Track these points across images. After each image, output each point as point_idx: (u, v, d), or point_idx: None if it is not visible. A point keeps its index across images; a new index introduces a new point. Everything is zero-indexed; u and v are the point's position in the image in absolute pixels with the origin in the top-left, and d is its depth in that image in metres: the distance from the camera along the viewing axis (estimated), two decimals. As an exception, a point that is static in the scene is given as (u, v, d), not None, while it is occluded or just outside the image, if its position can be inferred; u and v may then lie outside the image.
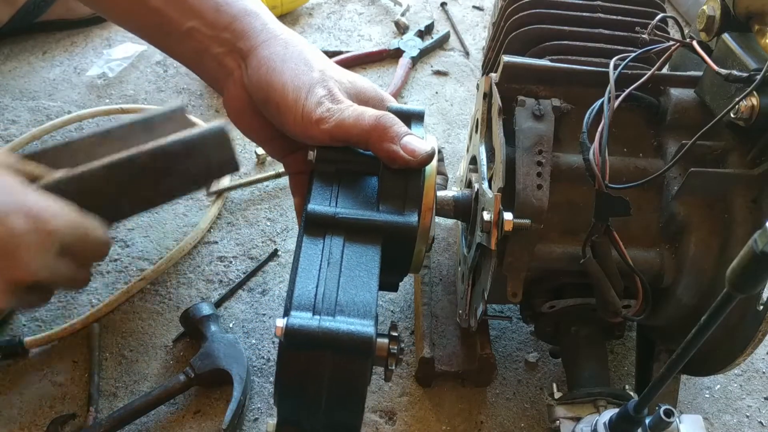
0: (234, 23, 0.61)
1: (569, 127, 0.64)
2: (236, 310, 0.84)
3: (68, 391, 0.76)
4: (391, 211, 0.56)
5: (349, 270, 0.52)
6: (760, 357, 0.83)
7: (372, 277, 0.52)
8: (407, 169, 0.57)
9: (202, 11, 0.61)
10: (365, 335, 0.48)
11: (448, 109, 1.11)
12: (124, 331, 0.82)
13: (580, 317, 0.69)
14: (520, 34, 0.70)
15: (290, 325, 0.48)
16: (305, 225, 0.55)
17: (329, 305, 0.50)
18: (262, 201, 0.96)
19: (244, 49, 0.61)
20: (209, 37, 0.61)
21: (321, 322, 0.48)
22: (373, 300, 0.51)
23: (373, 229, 0.55)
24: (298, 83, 0.58)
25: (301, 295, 0.50)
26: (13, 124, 1.04)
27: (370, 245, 0.54)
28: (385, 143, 0.56)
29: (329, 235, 0.54)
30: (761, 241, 0.35)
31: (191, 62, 0.66)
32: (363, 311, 0.50)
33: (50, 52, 1.16)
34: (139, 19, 0.64)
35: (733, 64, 0.60)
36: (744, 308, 0.61)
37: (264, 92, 0.60)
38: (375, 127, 0.56)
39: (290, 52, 0.60)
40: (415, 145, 0.57)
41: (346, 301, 0.50)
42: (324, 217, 0.55)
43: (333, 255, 0.53)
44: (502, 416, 0.76)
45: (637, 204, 0.60)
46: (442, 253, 0.86)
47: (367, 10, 1.29)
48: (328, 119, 0.57)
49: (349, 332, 0.48)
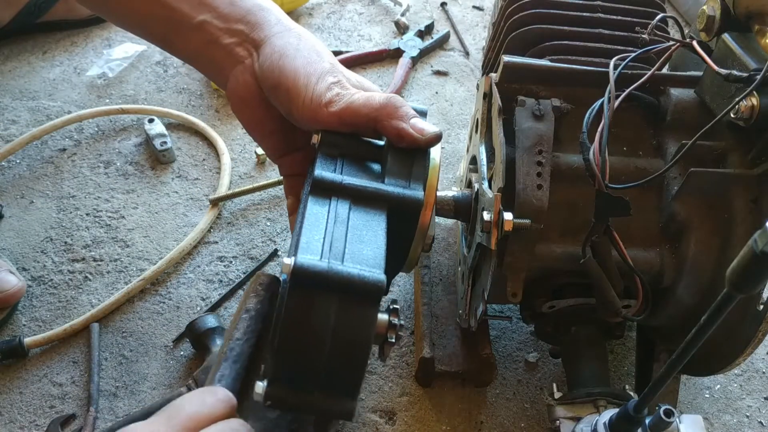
0: (248, 16, 0.62)
1: (569, 127, 0.64)
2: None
3: (68, 391, 0.76)
4: (397, 185, 0.56)
5: (355, 229, 0.51)
6: (760, 357, 0.83)
7: (379, 236, 0.51)
8: (413, 151, 0.58)
9: (215, 5, 0.62)
10: (376, 279, 0.46)
11: (448, 109, 1.11)
12: (124, 331, 0.82)
13: (580, 317, 0.69)
14: (520, 34, 0.70)
15: (299, 264, 0.45)
16: (311, 189, 0.53)
17: (337, 253, 0.48)
18: (262, 201, 0.96)
19: (258, 39, 0.62)
20: (221, 29, 0.62)
21: (330, 263, 0.46)
22: (382, 255, 0.49)
23: (379, 198, 0.54)
24: (309, 70, 0.60)
25: (309, 242, 0.48)
26: (13, 124, 1.04)
27: (376, 210, 0.53)
28: (394, 120, 0.57)
29: (335, 198, 0.53)
30: (761, 241, 0.35)
31: (196, 55, 0.66)
32: (371, 262, 0.48)
33: (50, 52, 1.16)
34: (146, 14, 0.65)
35: (733, 64, 0.60)
36: (744, 308, 0.61)
37: (276, 77, 0.60)
38: (385, 106, 0.58)
39: (303, 44, 0.62)
40: (423, 125, 0.58)
41: (355, 252, 0.48)
42: (331, 183, 0.54)
43: (339, 214, 0.52)
44: (502, 416, 0.76)
45: (637, 204, 0.60)
46: (442, 253, 0.86)
47: (367, 10, 1.29)
48: (338, 102, 0.58)
49: (360, 276, 0.46)
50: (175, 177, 0.99)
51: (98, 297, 0.84)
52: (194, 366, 0.79)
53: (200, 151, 1.02)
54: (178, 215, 0.94)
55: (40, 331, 0.81)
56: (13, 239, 0.90)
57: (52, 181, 0.97)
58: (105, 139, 1.03)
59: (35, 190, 0.96)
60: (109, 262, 0.88)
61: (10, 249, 0.89)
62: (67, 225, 0.92)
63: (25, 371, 0.78)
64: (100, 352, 0.79)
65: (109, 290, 0.85)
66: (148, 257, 0.89)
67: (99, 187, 0.96)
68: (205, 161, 1.01)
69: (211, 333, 0.77)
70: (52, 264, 0.88)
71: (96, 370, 0.77)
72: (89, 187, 0.96)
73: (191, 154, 1.02)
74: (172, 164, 1.00)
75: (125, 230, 0.92)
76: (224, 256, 0.90)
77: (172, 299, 0.85)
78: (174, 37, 0.65)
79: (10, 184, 0.97)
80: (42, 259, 0.88)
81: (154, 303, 0.85)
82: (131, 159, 1.00)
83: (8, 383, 0.77)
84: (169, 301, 0.85)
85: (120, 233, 0.91)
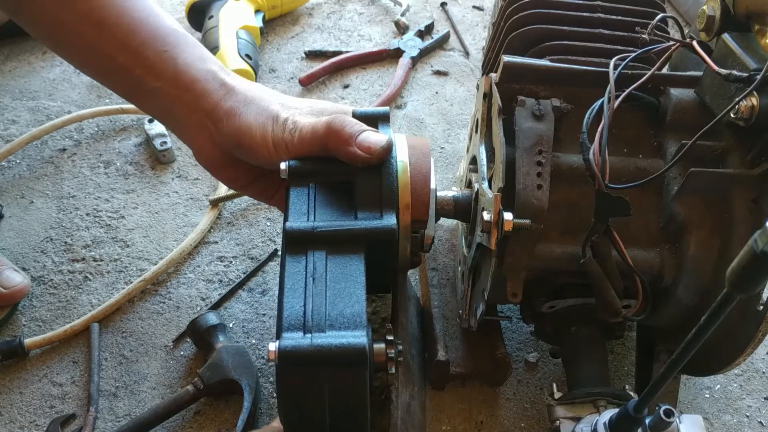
0: (193, 84, 0.64)
1: (569, 127, 0.64)
2: (236, 310, 0.84)
3: (68, 391, 0.76)
4: (369, 217, 0.56)
5: (334, 283, 0.52)
6: (760, 357, 0.83)
7: (358, 287, 0.52)
8: (376, 168, 0.58)
9: (163, 72, 0.64)
10: (358, 346, 0.48)
11: (448, 109, 1.11)
12: (124, 331, 0.82)
13: (580, 317, 0.68)
14: (520, 34, 0.70)
15: (283, 347, 0.48)
16: (285, 243, 0.55)
17: (319, 321, 0.50)
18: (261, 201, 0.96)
19: (207, 107, 0.63)
20: (173, 96, 0.64)
21: (313, 339, 0.48)
22: (362, 310, 0.50)
23: (354, 237, 0.55)
24: (261, 119, 0.61)
25: (290, 315, 0.50)
26: (13, 124, 1.04)
27: (353, 255, 0.54)
28: (341, 147, 0.57)
29: (311, 251, 0.54)
30: (761, 241, 0.35)
31: (162, 118, 0.70)
32: (353, 323, 0.50)
33: (50, 52, 1.16)
34: (110, 76, 0.67)
35: (733, 64, 0.60)
36: (744, 308, 0.61)
37: (235, 138, 0.62)
38: (328, 134, 0.58)
39: (249, 98, 0.63)
40: (370, 141, 0.57)
41: (336, 314, 0.50)
42: (303, 232, 0.55)
43: (317, 270, 0.53)
44: (502, 416, 0.76)
45: (637, 204, 0.60)
46: (447, 255, 0.85)
47: (367, 10, 1.29)
48: (292, 139, 0.60)
49: (341, 345, 0.48)
50: (175, 177, 0.99)
51: (98, 297, 0.84)
52: (195, 365, 0.79)
53: (200, 151, 1.02)
54: (178, 215, 0.94)
55: (40, 331, 0.81)
56: (13, 239, 0.90)
57: (52, 181, 0.97)
58: (105, 139, 1.03)
59: (35, 190, 0.96)
60: (109, 262, 0.88)
61: (10, 249, 0.89)
62: (67, 225, 0.92)
63: (25, 371, 0.78)
64: (100, 352, 0.79)
65: (109, 290, 0.85)
66: (148, 257, 0.89)
67: (99, 187, 0.96)
68: (205, 161, 1.01)
69: (213, 330, 0.77)
70: (52, 264, 0.88)
71: (96, 370, 0.77)
72: (89, 187, 0.96)
73: (191, 154, 1.02)
74: (172, 164, 1.00)
75: (125, 230, 0.92)
76: (224, 256, 0.90)
77: (172, 299, 0.85)
78: (137, 99, 0.68)
79: (10, 184, 0.97)
80: (42, 259, 0.88)
81: (154, 303, 0.85)
82: (131, 159, 1.00)
83: (8, 383, 0.77)
84: (169, 301, 0.85)
85: (120, 233, 0.91)
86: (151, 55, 0.63)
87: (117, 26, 0.63)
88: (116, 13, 0.63)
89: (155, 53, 0.63)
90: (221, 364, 0.74)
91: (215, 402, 0.76)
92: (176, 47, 0.64)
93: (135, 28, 0.63)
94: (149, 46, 0.63)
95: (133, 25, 0.63)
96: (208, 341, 0.77)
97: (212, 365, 0.74)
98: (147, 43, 0.63)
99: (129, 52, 0.63)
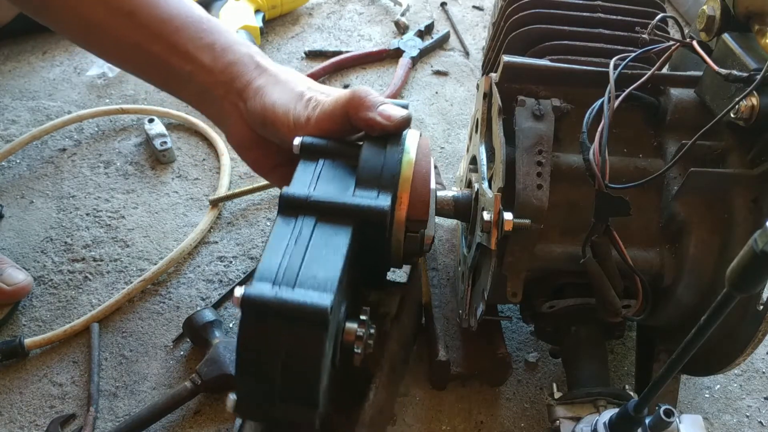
0: (230, 67, 0.66)
1: (569, 127, 0.64)
2: (236, 310, 0.84)
3: (68, 391, 0.76)
4: (365, 196, 0.57)
5: (316, 249, 0.53)
6: (760, 357, 0.83)
7: (338, 257, 0.52)
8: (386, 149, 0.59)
9: (199, 57, 0.66)
10: (320, 306, 0.48)
11: (448, 109, 1.11)
12: (124, 331, 0.82)
13: (580, 317, 0.68)
14: (520, 34, 0.70)
15: (247, 294, 0.48)
16: (279, 207, 0.56)
17: (290, 279, 0.50)
18: (262, 201, 0.96)
19: (240, 86, 0.66)
20: (207, 81, 0.66)
21: (278, 293, 0.49)
22: (335, 277, 0.50)
23: (345, 212, 0.55)
24: (286, 98, 0.64)
25: (265, 268, 0.51)
26: (13, 124, 1.04)
27: (340, 227, 0.55)
28: (362, 112, 0.60)
29: (302, 216, 0.55)
30: (761, 241, 0.35)
31: (194, 103, 0.71)
32: (323, 286, 0.50)
33: (50, 52, 1.16)
34: (142, 65, 0.69)
35: (733, 64, 0.60)
36: (744, 308, 0.61)
37: (261, 116, 0.65)
38: (351, 100, 0.60)
39: (280, 78, 0.66)
40: (390, 111, 0.60)
41: (308, 276, 0.50)
42: (297, 199, 0.56)
43: (302, 234, 0.54)
44: (502, 416, 0.76)
45: (637, 204, 0.60)
46: (448, 255, 0.85)
47: (367, 10, 1.29)
48: (313, 114, 0.62)
49: (303, 303, 0.48)
50: (175, 177, 0.99)
51: (98, 297, 0.84)
52: (193, 363, 0.79)
53: (200, 151, 1.02)
54: (178, 215, 0.94)
55: (40, 331, 0.81)
56: (13, 239, 0.90)
57: (52, 181, 0.97)
58: (105, 139, 1.03)
59: (35, 190, 0.96)
60: (109, 262, 0.88)
61: (10, 249, 0.89)
62: (67, 225, 0.92)
63: (25, 371, 0.78)
64: (100, 352, 0.79)
65: (109, 290, 0.85)
66: (148, 257, 0.89)
67: (99, 187, 0.96)
68: (205, 161, 1.01)
69: (209, 326, 0.78)
70: (52, 264, 0.88)
71: (96, 370, 0.77)
72: (89, 187, 0.96)
73: (191, 154, 1.02)
74: (172, 164, 1.00)
75: (125, 230, 0.92)
76: (224, 256, 0.90)
77: (172, 299, 0.85)
78: (171, 85, 0.70)
79: (10, 184, 0.97)
80: (42, 259, 0.88)
81: (154, 303, 0.85)
82: (131, 159, 1.00)
83: (8, 383, 0.77)
84: (169, 301, 0.85)
85: (120, 233, 0.91)
86: (187, 42, 0.65)
87: (149, 16, 0.65)
88: (148, 4, 0.65)
89: (191, 39, 0.65)
90: (218, 359, 0.75)
91: (215, 402, 0.76)
92: (212, 33, 0.66)
93: (168, 17, 0.65)
94: (184, 33, 0.65)
95: (166, 14, 0.65)
96: (204, 337, 0.77)
97: (209, 361, 0.75)
98: (182, 31, 0.65)
99: (162, 40, 0.65)
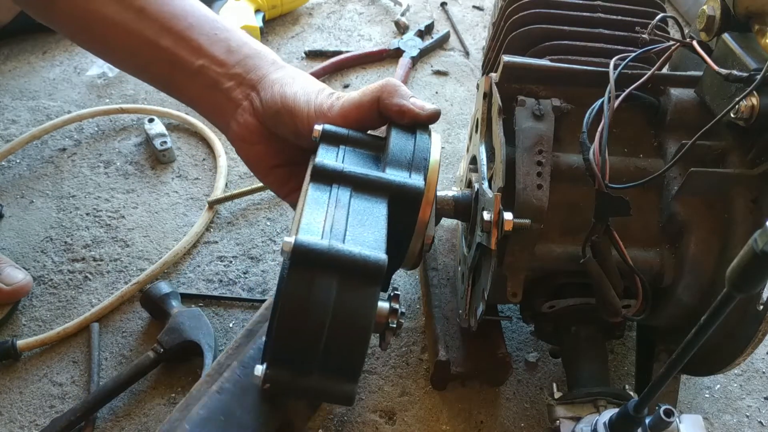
0: (245, 60, 0.66)
1: (569, 127, 0.64)
2: (237, 310, 0.84)
3: (68, 391, 0.76)
4: (398, 175, 0.55)
5: (356, 214, 0.50)
6: (760, 357, 0.83)
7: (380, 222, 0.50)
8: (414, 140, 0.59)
9: (212, 51, 0.66)
10: (378, 259, 0.45)
11: (448, 109, 1.11)
12: (124, 331, 0.82)
13: (580, 317, 0.68)
14: (520, 34, 0.70)
15: (299, 242, 0.45)
16: (312, 176, 0.53)
17: (338, 234, 0.47)
18: (261, 201, 0.96)
19: (255, 79, 0.66)
20: (219, 73, 0.66)
21: (332, 243, 0.46)
22: (383, 239, 0.48)
23: (381, 186, 0.53)
24: (308, 89, 0.65)
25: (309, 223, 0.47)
26: (13, 124, 1.04)
27: (377, 199, 0.53)
28: (395, 98, 0.61)
29: (336, 185, 0.53)
30: (761, 241, 0.35)
31: (198, 98, 0.69)
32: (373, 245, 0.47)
33: (50, 52, 1.16)
34: (147, 61, 0.68)
35: (733, 64, 0.60)
36: (744, 308, 0.61)
37: (278, 103, 0.64)
38: (385, 86, 0.62)
39: (297, 75, 0.67)
40: (422, 103, 0.62)
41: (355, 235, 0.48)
42: (332, 171, 0.53)
43: (340, 200, 0.51)
44: (502, 416, 0.76)
45: (637, 204, 0.60)
46: (447, 255, 0.85)
47: (367, 10, 1.29)
48: (337, 104, 0.63)
49: (362, 255, 0.45)
50: (175, 177, 0.99)
51: (98, 297, 0.84)
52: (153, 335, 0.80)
53: (200, 151, 1.02)
54: (178, 215, 0.94)
55: (40, 330, 0.81)
56: (13, 239, 0.90)
57: (52, 180, 0.97)
58: (105, 138, 1.03)
59: (35, 190, 0.96)
60: (109, 261, 0.88)
61: (10, 249, 0.89)
62: (67, 225, 0.92)
63: (25, 371, 0.78)
64: (100, 352, 0.79)
65: (109, 290, 0.85)
66: (148, 257, 0.89)
67: (99, 186, 0.96)
68: (205, 161, 1.01)
69: (166, 298, 0.80)
70: (52, 264, 0.88)
71: (96, 370, 0.77)
72: (89, 187, 0.96)
73: (191, 154, 1.02)
74: (172, 164, 1.00)
75: (125, 230, 0.92)
76: (224, 255, 0.90)
77: (172, 299, 0.85)
78: (176, 82, 0.68)
79: (10, 184, 0.97)
80: (42, 259, 0.88)
81: (154, 303, 0.84)
82: (131, 159, 1.00)
83: (8, 383, 0.77)
84: (169, 301, 0.85)
85: (120, 233, 0.91)
86: (200, 36, 0.65)
87: (160, 12, 0.65)
88: (158, 1, 0.65)
89: (205, 35, 0.66)
90: (179, 327, 0.76)
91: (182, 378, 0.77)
92: (227, 31, 0.67)
93: (182, 13, 0.66)
94: (198, 29, 0.66)
95: (179, 9, 0.66)
96: (163, 309, 0.79)
97: (170, 329, 0.76)
98: (195, 27, 0.66)
99: (173, 35, 0.65)
